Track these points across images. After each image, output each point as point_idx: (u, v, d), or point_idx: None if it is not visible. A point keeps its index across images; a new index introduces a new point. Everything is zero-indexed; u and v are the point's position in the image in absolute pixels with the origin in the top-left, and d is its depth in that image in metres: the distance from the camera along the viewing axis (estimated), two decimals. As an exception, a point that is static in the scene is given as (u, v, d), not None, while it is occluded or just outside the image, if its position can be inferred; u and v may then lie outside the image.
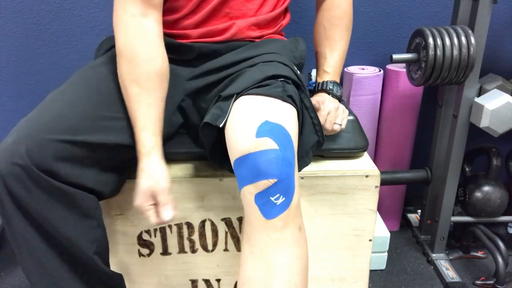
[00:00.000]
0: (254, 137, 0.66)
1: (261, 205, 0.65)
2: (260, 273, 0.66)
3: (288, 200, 0.65)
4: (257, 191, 0.65)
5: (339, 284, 1.00)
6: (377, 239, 1.24)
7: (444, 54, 1.02)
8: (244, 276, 0.68)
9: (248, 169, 0.66)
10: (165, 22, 0.88)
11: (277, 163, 0.65)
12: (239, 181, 0.68)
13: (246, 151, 0.66)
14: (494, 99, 1.08)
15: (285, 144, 0.67)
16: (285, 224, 0.66)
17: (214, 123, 0.73)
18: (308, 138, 0.83)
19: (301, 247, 0.68)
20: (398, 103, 1.32)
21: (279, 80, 0.78)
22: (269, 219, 0.65)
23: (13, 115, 1.41)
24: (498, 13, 1.31)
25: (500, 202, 1.25)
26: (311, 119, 0.83)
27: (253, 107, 0.72)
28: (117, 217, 0.91)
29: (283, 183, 0.65)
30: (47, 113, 0.72)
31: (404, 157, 1.39)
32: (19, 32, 1.30)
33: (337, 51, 0.96)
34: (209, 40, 0.87)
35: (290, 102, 0.75)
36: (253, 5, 0.88)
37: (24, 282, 1.25)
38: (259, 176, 0.64)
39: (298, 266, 0.67)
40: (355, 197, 0.91)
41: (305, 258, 0.69)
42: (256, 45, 0.90)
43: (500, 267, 1.16)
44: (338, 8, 0.95)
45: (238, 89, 0.76)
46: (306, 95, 0.83)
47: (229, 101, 0.76)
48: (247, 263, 0.68)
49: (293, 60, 0.90)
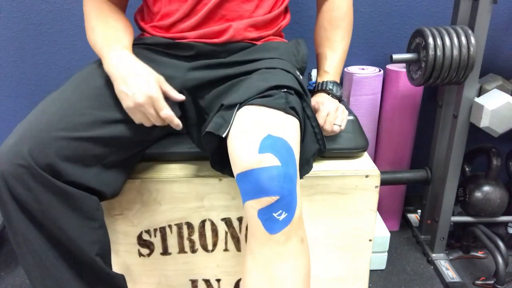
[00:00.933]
0: (257, 152, 0.66)
1: (264, 220, 0.66)
2: (264, 284, 0.67)
3: (290, 216, 0.67)
4: (260, 207, 0.66)
5: (339, 284, 1.00)
6: (377, 239, 1.24)
7: (444, 54, 1.02)
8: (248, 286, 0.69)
9: (251, 185, 0.66)
10: (161, 26, 0.89)
11: (279, 180, 0.65)
12: (242, 195, 0.69)
13: (248, 167, 0.66)
14: (494, 99, 1.08)
15: (287, 159, 0.68)
16: (288, 238, 0.67)
17: (217, 132, 0.73)
18: (309, 146, 0.83)
19: (303, 257, 0.70)
20: (398, 103, 1.32)
21: (282, 90, 0.78)
22: (272, 234, 0.66)
23: (13, 115, 1.41)
24: (498, 13, 1.32)
25: (500, 202, 1.25)
26: (313, 128, 0.84)
27: (256, 119, 0.72)
28: (117, 217, 0.91)
29: (285, 199, 0.66)
30: (47, 112, 0.73)
31: (404, 157, 1.39)
32: (19, 32, 1.30)
33: (337, 51, 0.96)
34: (207, 41, 0.87)
35: (293, 114, 0.76)
36: (249, 6, 0.88)
37: (24, 282, 1.25)
38: (261, 193, 0.65)
39: (301, 276, 0.69)
40: (355, 197, 0.91)
41: (307, 267, 0.71)
42: (257, 49, 0.90)
43: (500, 267, 1.16)
44: (338, 10, 0.95)
45: (241, 99, 0.76)
46: (308, 104, 0.83)
47: (231, 111, 0.75)
48: (250, 275, 0.69)
49: (295, 65, 0.90)
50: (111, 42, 0.81)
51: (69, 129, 0.71)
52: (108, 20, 0.85)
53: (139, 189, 0.89)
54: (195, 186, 0.89)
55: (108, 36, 0.83)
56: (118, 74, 0.75)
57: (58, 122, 0.71)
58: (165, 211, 0.91)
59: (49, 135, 0.69)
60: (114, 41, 0.81)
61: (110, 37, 0.82)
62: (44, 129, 0.69)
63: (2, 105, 1.40)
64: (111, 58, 0.78)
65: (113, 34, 0.83)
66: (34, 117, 0.72)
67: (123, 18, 0.89)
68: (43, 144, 0.68)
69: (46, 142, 0.68)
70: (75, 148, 0.71)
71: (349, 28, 0.97)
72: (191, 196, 0.90)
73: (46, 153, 0.68)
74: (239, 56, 0.88)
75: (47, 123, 0.70)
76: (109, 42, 0.81)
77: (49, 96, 0.79)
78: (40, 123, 0.70)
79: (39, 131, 0.69)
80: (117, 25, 0.85)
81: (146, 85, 0.74)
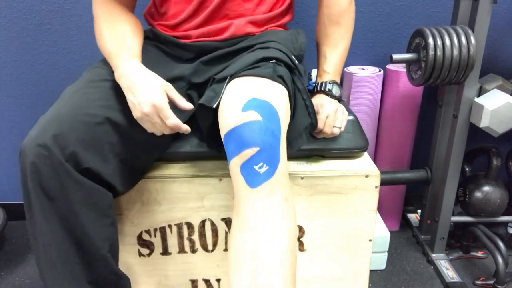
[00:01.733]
0: (240, 111, 0.68)
1: (246, 174, 0.66)
2: (248, 244, 0.66)
3: (272, 169, 0.67)
4: (241, 161, 0.66)
5: (339, 284, 1.00)
6: (377, 239, 1.24)
7: (444, 54, 1.02)
8: (233, 249, 0.69)
9: (234, 142, 0.67)
10: (166, 26, 0.92)
11: (260, 133, 0.66)
12: (228, 157, 0.69)
13: (232, 125, 0.68)
14: (494, 99, 1.08)
15: (270, 118, 0.69)
16: (270, 192, 0.66)
17: (208, 104, 0.75)
18: (301, 120, 0.84)
19: (288, 219, 0.69)
20: (398, 103, 1.32)
21: (270, 62, 0.80)
22: (253, 188, 0.66)
23: (13, 115, 1.41)
24: (498, 13, 1.32)
25: (500, 202, 1.25)
26: (304, 101, 0.84)
27: (243, 86, 0.74)
28: (117, 217, 0.91)
29: (266, 151, 0.66)
30: (66, 106, 0.74)
31: (404, 157, 1.39)
32: (19, 32, 1.30)
33: (337, 50, 0.96)
34: (209, 39, 0.90)
35: (280, 82, 0.77)
36: (250, 4, 0.90)
37: (24, 282, 1.25)
38: (243, 146, 0.66)
39: (285, 236, 0.67)
40: (355, 197, 0.91)
41: (293, 229, 0.70)
42: (256, 37, 0.91)
43: (500, 267, 1.16)
44: (337, 5, 0.95)
45: (231, 71, 0.79)
46: (299, 78, 0.84)
47: (222, 84, 0.78)
48: (235, 236, 0.69)
49: (292, 51, 0.90)
50: (119, 50, 0.81)
51: (87, 116, 0.73)
52: (116, 25, 0.85)
53: (139, 189, 0.89)
54: (195, 186, 0.89)
55: (117, 43, 0.82)
56: (126, 84, 0.76)
57: (78, 112, 0.72)
58: (165, 211, 0.91)
59: (69, 124, 0.70)
60: (123, 49, 0.81)
61: (119, 44, 0.82)
62: (65, 119, 0.71)
63: (2, 105, 1.40)
64: (120, 68, 0.78)
65: (122, 40, 0.83)
66: (54, 111, 0.73)
67: (132, 19, 0.89)
68: (66, 133, 0.69)
69: (68, 130, 0.70)
70: (94, 133, 0.73)
71: (350, 25, 0.97)
72: (191, 196, 0.90)
73: (69, 140, 0.69)
74: (239, 44, 0.90)
75: (66, 114, 0.72)
76: (117, 50, 0.81)
77: (65, 92, 0.80)
78: (60, 115, 0.72)
79: (60, 121, 0.70)
80: (125, 29, 0.85)
81: (151, 94, 0.74)
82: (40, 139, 0.68)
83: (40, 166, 0.68)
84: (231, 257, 0.69)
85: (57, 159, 0.68)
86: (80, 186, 0.71)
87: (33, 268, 1.29)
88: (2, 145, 1.45)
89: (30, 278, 1.26)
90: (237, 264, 0.67)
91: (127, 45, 0.83)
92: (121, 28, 0.85)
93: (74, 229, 0.72)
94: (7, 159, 1.47)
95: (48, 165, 0.68)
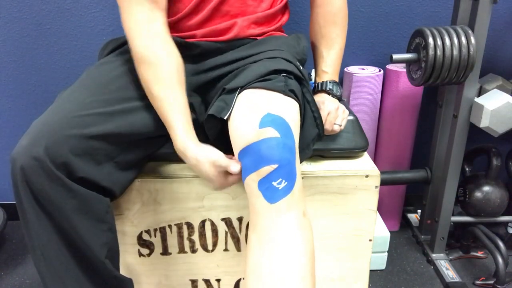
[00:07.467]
0: (257, 127, 0.68)
1: (264, 190, 0.66)
2: (266, 258, 0.66)
3: (290, 185, 0.67)
4: (259, 178, 0.66)
5: (339, 284, 1.00)
6: (377, 239, 1.24)
7: (444, 54, 1.02)
8: (251, 263, 0.68)
9: (251, 158, 0.67)
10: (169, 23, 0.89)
11: (278, 149, 0.66)
12: (243, 172, 0.69)
13: (249, 141, 0.68)
14: (494, 99, 1.08)
15: (286, 133, 0.69)
16: (289, 207, 0.66)
17: (218, 115, 0.75)
18: (309, 131, 0.84)
19: (306, 230, 0.69)
20: (398, 103, 1.32)
21: (281, 75, 0.80)
22: (272, 203, 0.66)
23: (13, 115, 1.41)
24: (498, 13, 1.32)
25: (500, 202, 1.25)
26: (312, 113, 0.85)
27: (256, 101, 0.74)
28: (117, 217, 0.91)
29: (284, 168, 0.66)
30: (59, 113, 0.73)
31: (404, 157, 1.40)
32: (19, 32, 1.30)
33: (334, 49, 0.96)
34: (213, 39, 0.89)
35: (292, 96, 0.77)
36: (252, 1, 0.90)
37: (24, 282, 1.25)
38: (261, 162, 0.66)
39: (304, 248, 0.67)
40: (355, 197, 0.91)
41: (311, 241, 0.70)
42: (259, 43, 0.91)
43: (500, 267, 1.16)
44: (332, 4, 0.95)
45: (242, 82, 0.78)
46: (308, 89, 0.84)
47: (233, 94, 0.78)
48: (253, 250, 0.68)
49: (295, 56, 0.90)
50: (172, 122, 0.77)
51: (82, 127, 0.72)
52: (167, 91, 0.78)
53: (139, 189, 0.89)
54: (195, 186, 0.89)
55: (168, 107, 0.77)
56: (188, 162, 0.77)
57: (70, 122, 0.72)
58: (165, 211, 0.91)
59: (62, 134, 0.70)
60: (177, 123, 0.77)
61: (172, 110, 0.77)
62: (57, 128, 0.70)
63: (2, 105, 1.40)
64: (178, 142, 0.76)
65: (176, 111, 0.77)
66: (47, 117, 0.73)
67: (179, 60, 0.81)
68: (58, 143, 0.69)
69: (60, 141, 0.69)
70: (89, 145, 0.72)
71: (345, 24, 0.97)
72: (191, 196, 0.90)
73: (61, 151, 0.69)
74: (242, 50, 0.90)
75: (60, 122, 0.71)
76: (171, 120, 0.77)
77: (60, 96, 0.80)
78: (53, 123, 0.71)
79: (52, 131, 0.70)
80: (176, 96, 0.78)
81: (205, 171, 0.74)
82: (32, 151, 0.67)
83: (32, 177, 0.67)
84: (249, 268, 0.68)
85: (50, 170, 0.67)
86: (74, 195, 0.70)
87: (33, 268, 1.29)
88: (2, 145, 1.45)
89: (30, 278, 1.27)
90: (256, 277, 0.67)
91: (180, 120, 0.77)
92: (173, 95, 0.78)
93: (71, 238, 0.72)
94: (7, 159, 1.47)
95: (40, 175, 0.67)
